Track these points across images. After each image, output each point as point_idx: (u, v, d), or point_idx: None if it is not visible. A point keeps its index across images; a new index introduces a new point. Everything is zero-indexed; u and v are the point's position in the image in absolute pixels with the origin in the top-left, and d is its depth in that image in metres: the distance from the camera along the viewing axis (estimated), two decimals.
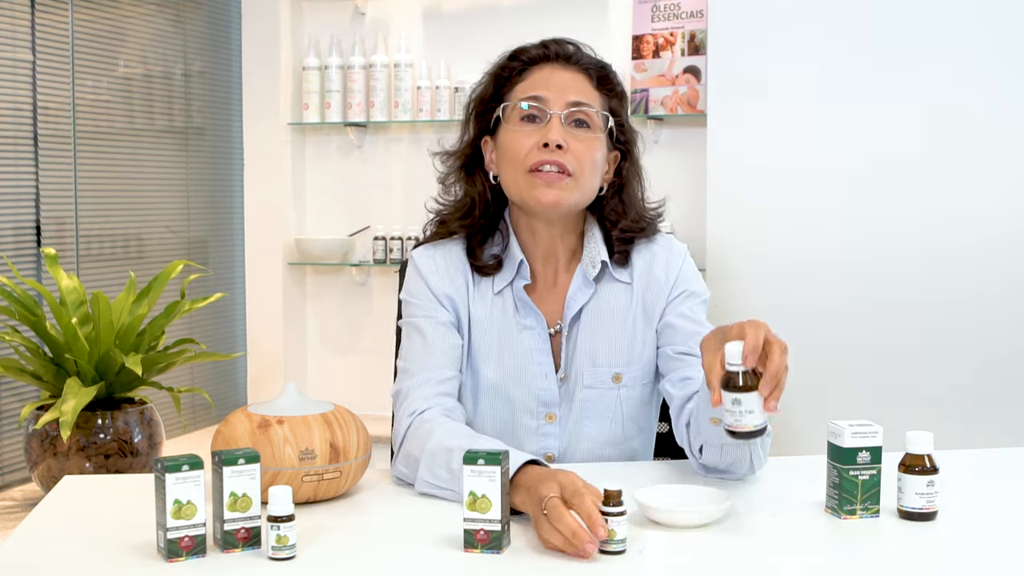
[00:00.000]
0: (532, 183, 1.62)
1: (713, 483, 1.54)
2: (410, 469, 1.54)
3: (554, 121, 1.62)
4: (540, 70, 1.67)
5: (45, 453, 2.88)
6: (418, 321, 1.68)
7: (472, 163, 1.73)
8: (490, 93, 1.70)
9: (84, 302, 2.98)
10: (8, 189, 3.13)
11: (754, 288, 3.01)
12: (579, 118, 1.64)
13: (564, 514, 1.23)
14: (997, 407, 2.82)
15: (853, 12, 2.92)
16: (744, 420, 1.30)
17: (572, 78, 1.66)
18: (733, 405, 1.30)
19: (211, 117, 3.90)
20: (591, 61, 1.69)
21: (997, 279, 2.83)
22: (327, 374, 4.01)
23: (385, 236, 3.80)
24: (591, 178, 1.63)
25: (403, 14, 3.86)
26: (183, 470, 1.23)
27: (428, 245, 1.74)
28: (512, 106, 1.66)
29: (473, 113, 1.73)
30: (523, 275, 1.68)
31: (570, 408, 1.69)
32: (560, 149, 1.60)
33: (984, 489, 1.54)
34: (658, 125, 3.51)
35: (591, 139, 1.64)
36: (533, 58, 1.68)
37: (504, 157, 1.66)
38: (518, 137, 1.63)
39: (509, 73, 1.69)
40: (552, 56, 1.68)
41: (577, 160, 1.61)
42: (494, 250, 1.71)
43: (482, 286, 1.70)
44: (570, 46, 1.69)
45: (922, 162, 2.88)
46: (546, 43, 1.70)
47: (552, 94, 1.64)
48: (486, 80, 1.72)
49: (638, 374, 1.70)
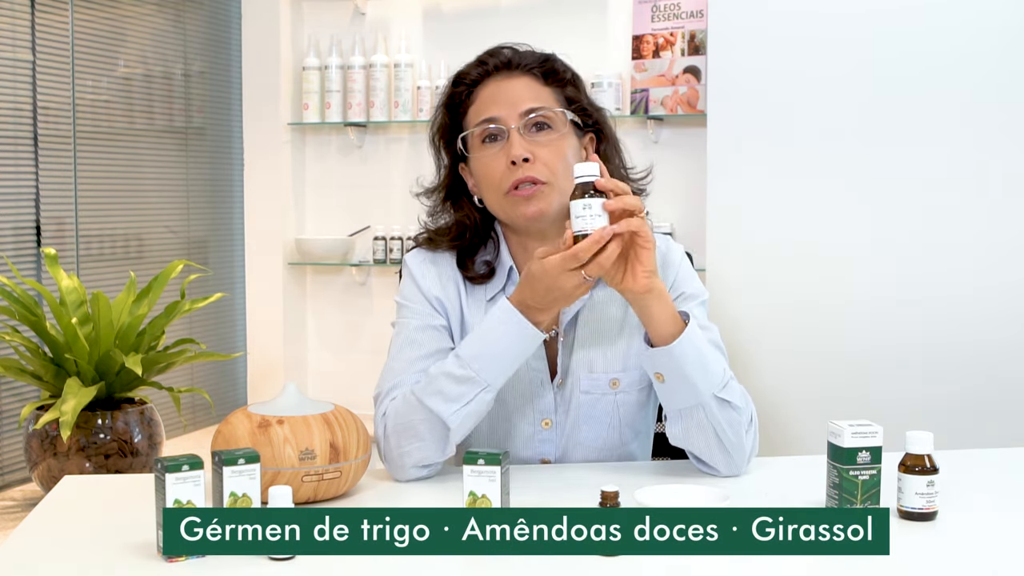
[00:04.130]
0: (513, 203, 1.62)
1: (712, 483, 1.54)
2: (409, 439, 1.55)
3: (513, 136, 1.61)
4: (485, 87, 1.66)
5: (45, 453, 2.88)
6: (409, 323, 1.68)
7: (454, 191, 1.73)
8: (448, 123, 1.70)
9: (84, 302, 2.98)
10: (8, 189, 3.13)
11: (754, 288, 3.01)
12: (538, 122, 1.63)
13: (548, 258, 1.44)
14: (997, 407, 2.82)
15: (853, 12, 2.92)
16: (592, 223, 1.43)
17: (519, 85, 1.65)
18: (584, 210, 1.43)
19: (211, 117, 3.90)
20: (532, 59, 1.67)
21: (997, 279, 2.83)
22: (327, 374, 4.01)
23: (385, 236, 3.80)
24: (566, 179, 1.61)
25: (403, 14, 3.86)
26: (183, 470, 1.23)
27: (421, 249, 1.75)
28: (470, 134, 1.66)
29: (440, 144, 1.73)
30: (513, 281, 1.68)
31: (566, 414, 1.69)
32: (527, 162, 1.59)
33: (984, 489, 1.54)
34: (658, 125, 3.51)
35: (556, 140, 1.63)
36: (475, 78, 1.67)
37: (480, 183, 1.66)
38: (486, 162, 1.63)
39: (458, 99, 1.68)
40: (492, 69, 1.67)
41: (547, 167, 1.60)
42: (486, 257, 1.71)
43: (476, 293, 1.70)
44: (506, 51, 1.68)
45: (923, 162, 2.87)
46: (483, 59, 1.69)
47: (503, 110, 1.63)
48: (440, 111, 1.72)
49: (635, 379, 1.70)
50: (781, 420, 2.93)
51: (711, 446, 1.57)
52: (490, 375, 1.53)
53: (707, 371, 1.55)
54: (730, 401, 1.56)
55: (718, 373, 1.56)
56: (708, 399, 1.55)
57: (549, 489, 1.54)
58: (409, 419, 1.55)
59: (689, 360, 1.53)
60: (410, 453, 1.56)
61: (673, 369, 1.53)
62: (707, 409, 1.55)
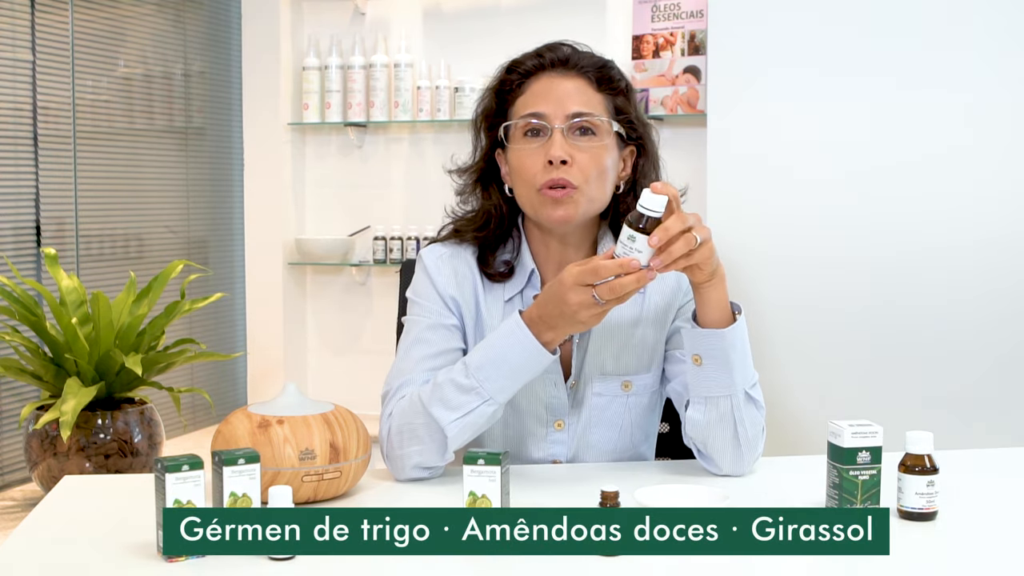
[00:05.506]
0: (542, 201, 1.60)
1: (712, 483, 1.54)
2: (411, 441, 1.54)
3: (556, 136, 1.59)
4: (538, 81, 1.64)
5: (45, 453, 2.88)
6: (420, 321, 1.66)
7: (486, 176, 1.71)
8: (494, 108, 1.68)
9: (84, 302, 2.98)
10: (8, 189, 3.13)
11: (754, 288, 3.01)
12: (583, 127, 1.61)
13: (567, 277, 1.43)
14: (997, 407, 2.82)
15: (853, 12, 2.92)
16: (630, 256, 1.41)
17: (571, 85, 1.63)
18: (628, 240, 1.41)
19: (211, 117, 3.90)
20: (589, 62, 1.65)
21: (998, 279, 2.83)
22: (327, 374, 4.01)
23: (385, 236, 3.80)
24: (599, 187, 1.61)
25: (403, 14, 3.86)
26: (183, 470, 1.23)
27: (439, 244, 1.72)
28: (514, 124, 1.63)
29: (482, 127, 1.71)
30: (534, 284, 1.67)
31: (579, 416, 1.69)
32: (564, 164, 1.58)
33: (984, 489, 1.54)
34: (658, 125, 3.49)
35: (597, 147, 1.61)
36: (529, 69, 1.65)
37: (514, 175, 1.64)
38: (524, 156, 1.61)
39: (509, 87, 1.66)
40: (548, 64, 1.64)
41: (582, 172, 1.59)
42: (505, 256, 1.69)
43: (493, 292, 1.69)
44: (566, 48, 1.66)
45: (922, 162, 2.87)
46: (540, 51, 1.66)
47: (551, 107, 1.61)
48: (488, 95, 1.70)
49: (648, 382, 1.70)
50: (781, 420, 2.93)
51: (727, 441, 1.57)
52: (493, 387, 1.51)
53: (746, 364, 1.57)
54: (757, 400, 1.58)
55: (752, 371, 1.59)
56: (739, 392, 1.56)
57: (549, 489, 1.54)
58: (412, 422, 1.55)
59: (736, 348, 1.54)
60: (410, 455, 1.56)
61: (719, 353, 1.54)
62: (735, 401, 1.55)
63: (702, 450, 1.61)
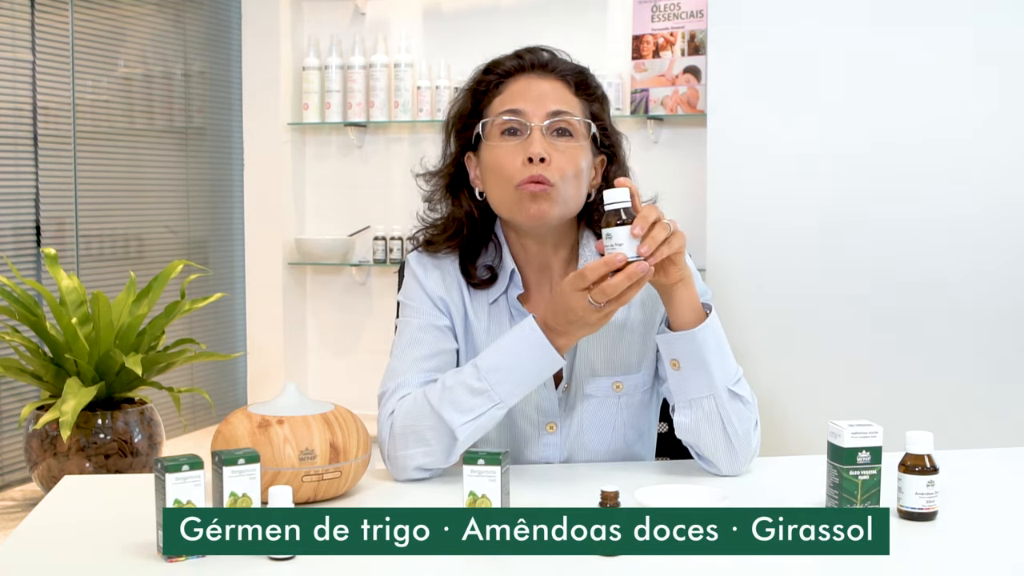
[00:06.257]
0: (519, 197, 1.59)
1: (712, 483, 1.54)
2: (415, 443, 1.54)
3: (535, 134, 1.59)
4: (516, 82, 1.65)
5: (45, 453, 2.88)
6: (412, 323, 1.67)
7: (456, 181, 1.71)
8: (468, 109, 1.68)
9: (84, 302, 2.98)
10: (8, 189, 3.13)
11: (754, 288, 3.01)
12: (560, 127, 1.61)
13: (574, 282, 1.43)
14: (997, 407, 2.82)
15: (853, 13, 2.92)
16: (612, 252, 1.42)
17: (550, 86, 1.63)
18: (608, 240, 1.43)
19: (211, 117, 3.90)
20: (568, 67, 1.66)
21: (998, 279, 2.83)
22: (327, 374, 4.01)
23: (385, 236, 3.80)
24: (574, 188, 1.61)
25: (403, 14, 3.86)
26: (183, 470, 1.23)
27: (423, 251, 1.73)
28: (491, 121, 1.63)
29: (453, 130, 1.70)
30: (516, 284, 1.67)
31: (571, 418, 1.69)
32: (543, 162, 1.58)
33: (984, 489, 1.54)
34: (658, 125, 3.50)
35: (574, 148, 1.61)
36: (508, 70, 1.66)
37: (489, 174, 1.63)
38: (501, 154, 1.61)
39: (486, 87, 1.66)
40: (528, 66, 1.65)
41: (559, 171, 1.59)
42: (488, 261, 1.70)
43: (479, 296, 1.69)
44: (545, 53, 1.67)
45: (923, 163, 2.88)
46: (520, 53, 1.67)
47: (531, 105, 1.61)
48: (463, 96, 1.70)
49: (639, 382, 1.70)
50: (781, 420, 2.93)
51: (717, 440, 1.57)
52: (504, 391, 1.52)
53: (724, 362, 1.56)
54: (741, 395, 1.58)
55: (733, 367, 1.58)
56: (721, 390, 1.55)
57: (549, 489, 1.54)
58: (417, 423, 1.54)
59: (710, 347, 1.54)
60: (414, 457, 1.55)
61: (693, 354, 1.54)
62: (718, 400, 1.55)
63: (696, 453, 1.61)
